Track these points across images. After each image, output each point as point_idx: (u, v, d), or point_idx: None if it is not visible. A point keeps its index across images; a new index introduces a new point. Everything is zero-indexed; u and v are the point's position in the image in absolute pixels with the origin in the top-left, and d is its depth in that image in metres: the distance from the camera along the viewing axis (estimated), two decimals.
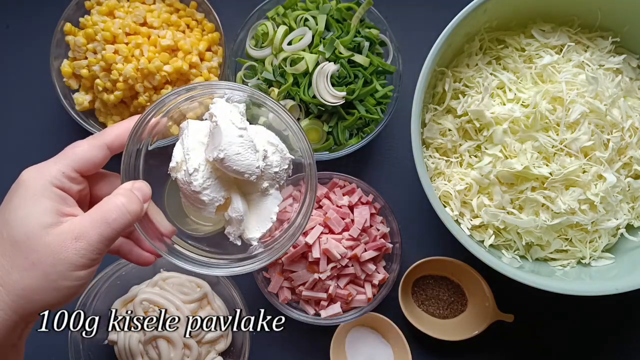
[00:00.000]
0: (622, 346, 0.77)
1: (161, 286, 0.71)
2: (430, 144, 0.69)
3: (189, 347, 0.67)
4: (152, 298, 0.69)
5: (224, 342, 0.71)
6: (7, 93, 0.81)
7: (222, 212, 0.54)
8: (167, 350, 0.67)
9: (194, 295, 0.70)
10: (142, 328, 0.67)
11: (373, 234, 0.70)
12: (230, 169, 0.50)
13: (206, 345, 0.69)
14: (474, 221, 0.66)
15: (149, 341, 0.68)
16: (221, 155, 0.49)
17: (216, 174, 0.52)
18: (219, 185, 0.52)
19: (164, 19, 0.72)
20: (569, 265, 0.67)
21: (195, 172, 0.51)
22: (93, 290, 0.67)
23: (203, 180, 0.51)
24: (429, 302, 0.76)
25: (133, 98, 0.71)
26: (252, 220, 0.56)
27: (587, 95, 0.63)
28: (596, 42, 0.69)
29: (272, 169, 0.53)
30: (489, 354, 0.77)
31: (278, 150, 0.54)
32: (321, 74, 0.67)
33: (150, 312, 0.68)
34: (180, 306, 0.68)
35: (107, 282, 0.70)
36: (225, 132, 0.49)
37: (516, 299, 0.73)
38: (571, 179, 0.63)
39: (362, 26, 0.71)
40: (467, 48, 0.70)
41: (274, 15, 0.72)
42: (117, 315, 0.70)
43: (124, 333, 0.68)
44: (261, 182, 0.54)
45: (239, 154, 0.50)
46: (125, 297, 0.72)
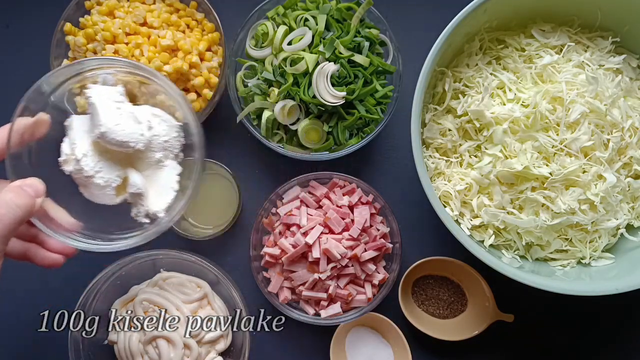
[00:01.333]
0: (622, 346, 0.77)
1: (161, 286, 0.71)
2: (430, 144, 0.69)
3: (189, 347, 0.67)
4: (152, 298, 0.69)
5: (224, 342, 0.71)
6: (7, 93, 0.80)
7: (123, 193, 0.57)
8: (167, 350, 0.66)
9: (194, 295, 0.70)
10: (142, 328, 0.67)
11: (373, 234, 0.70)
12: (114, 141, 0.53)
13: (206, 346, 0.69)
14: (474, 221, 0.66)
15: (149, 341, 0.67)
16: (102, 129, 0.52)
17: (106, 156, 0.55)
18: (111, 166, 0.55)
19: (164, 19, 0.72)
20: (569, 265, 0.67)
21: (84, 157, 0.53)
22: (93, 290, 0.67)
23: (94, 163, 0.54)
24: (429, 302, 0.76)
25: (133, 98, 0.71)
26: (153, 194, 0.58)
27: (587, 95, 0.63)
28: (596, 42, 0.69)
29: (160, 138, 0.56)
30: (489, 354, 0.77)
31: (163, 120, 0.57)
32: (321, 74, 0.67)
33: (150, 312, 0.68)
34: (180, 306, 0.68)
35: (107, 282, 0.70)
36: (100, 108, 0.53)
37: (516, 299, 0.73)
38: (571, 179, 0.63)
39: (362, 26, 0.71)
40: (467, 48, 0.70)
41: (274, 15, 0.72)
42: (117, 316, 0.70)
43: (124, 333, 0.68)
44: (154, 154, 0.56)
45: (119, 125, 0.53)
46: (125, 297, 0.71)
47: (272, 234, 0.73)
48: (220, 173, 0.76)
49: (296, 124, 0.70)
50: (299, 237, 0.68)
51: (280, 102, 0.68)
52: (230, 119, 0.76)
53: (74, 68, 0.55)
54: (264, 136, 0.71)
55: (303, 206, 0.71)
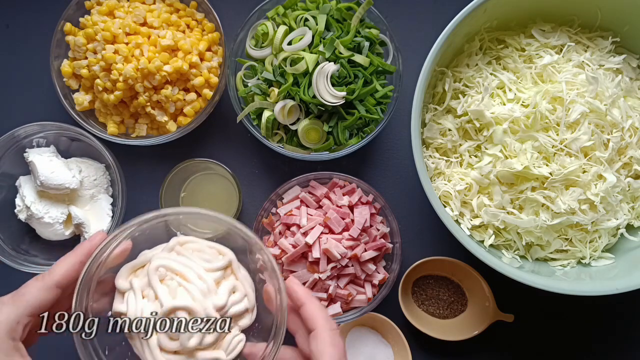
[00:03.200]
0: (621, 346, 0.77)
1: (178, 251, 0.60)
2: (430, 144, 0.69)
3: None
4: (170, 264, 0.57)
5: (249, 317, 0.60)
6: (7, 93, 0.81)
7: (70, 226, 0.74)
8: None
9: (217, 263, 0.59)
10: (157, 299, 0.56)
11: (373, 234, 0.70)
12: (52, 185, 0.70)
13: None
14: (474, 221, 0.66)
15: (167, 314, 0.56)
16: (41, 178, 0.70)
17: (50, 200, 0.73)
18: (56, 206, 0.73)
19: (164, 19, 0.72)
20: (569, 265, 0.67)
21: (32, 204, 0.72)
22: (96, 260, 0.56)
23: (42, 207, 0.72)
24: (429, 302, 0.76)
25: (133, 98, 0.71)
26: (93, 222, 0.75)
27: (587, 95, 0.63)
28: (596, 42, 0.69)
29: (90, 178, 0.75)
30: (489, 354, 0.77)
31: (90, 164, 0.76)
32: (321, 74, 0.67)
33: (167, 279, 0.57)
34: (202, 275, 0.58)
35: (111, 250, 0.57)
36: (38, 164, 0.71)
37: (516, 299, 0.73)
38: (571, 179, 0.63)
39: (362, 26, 0.71)
40: (467, 48, 0.70)
41: (274, 15, 0.72)
42: (125, 283, 0.58)
43: (135, 303, 0.56)
44: (87, 191, 0.75)
45: (54, 172, 0.71)
46: (134, 263, 0.58)
47: (272, 234, 0.73)
48: (220, 173, 0.76)
49: (296, 124, 0.70)
50: (299, 237, 0.68)
51: (280, 102, 0.68)
52: (230, 119, 0.76)
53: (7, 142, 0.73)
54: (264, 136, 0.71)
55: (303, 206, 0.71)
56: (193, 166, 0.75)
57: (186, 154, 0.78)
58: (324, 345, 0.50)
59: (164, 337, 0.55)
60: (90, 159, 0.77)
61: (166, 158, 0.77)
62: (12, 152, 0.74)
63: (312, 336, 0.51)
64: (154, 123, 0.74)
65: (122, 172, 0.74)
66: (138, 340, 0.56)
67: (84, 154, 0.77)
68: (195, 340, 0.54)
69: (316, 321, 0.51)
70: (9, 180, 0.75)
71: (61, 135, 0.75)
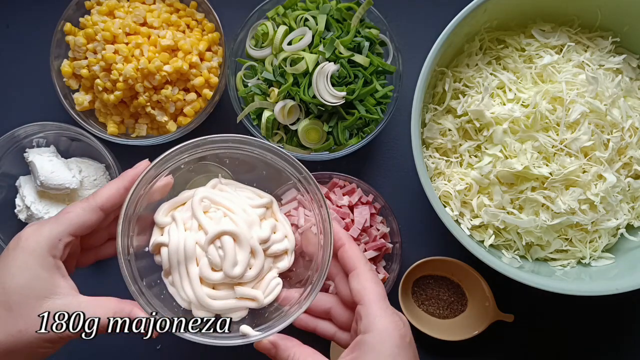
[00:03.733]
0: (621, 346, 0.77)
1: (221, 189, 0.58)
2: (430, 144, 0.69)
3: (255, 253, 0.54)
4: (214, 197, 0.55)
5: (288, 260, 0.57)
6: (7, 93, 0.81)
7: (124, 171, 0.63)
8: (233, 250, 0.52)
9: (260, 201, 0.58)
10: (202, 228, 0.53)
11: (373, 234, 0.70)
12: (52, 185, 0.70)
13: (269, 260, 0.56)
14: (474, 221, 0.66)
15: (211, 240, 0.53)
16: (41, 178, 0.70)
17: (50, 200, 0.73)
18: (56, 207, 0.73)
19: (164, 19, 0.72)
20: (569, 265, 0.67)
21: (32, 204, 0.72)
22: (140, 187, 0.53)
23: (42, 207, 0.72)
24: (429, 302, 0.76)
25: (133, 98, 0.71)
26: None
27: (587, 95, 0.63)
28: (596, 42, 0.69)
29: (90, 178, 0.75)
30: (489, 354, 0.77)
31: (90, 165, 0.76)
32: (321, 74, 0.67)
33: (211, 211, 0.55)
34: (246, 208, 0.55)
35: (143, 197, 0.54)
36: (38, 163, 0.71)
37: (516, 299, 0.73)
38: (571, 179, 0.63)
39: (362, 26, 0.71)
40: (467, 48, 0.70)
41: (274, 15, 0.72)
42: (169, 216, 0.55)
43: (177, 234, 0.53)
44: (87, 191, 0.75)
45: (54, 172, 0.71)
46: (175, 200, 0.56)
47: None
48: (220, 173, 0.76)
49: (296, 124, 0.70)
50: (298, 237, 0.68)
51: (280, 102, 0.68)
52: (230, 119, 0.76)
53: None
54: (264, 136, 0.71)
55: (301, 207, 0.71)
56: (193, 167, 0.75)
57: None
58: (366, 281, 0.49)
59: (205, 267, 0.53)
60: (90, 159, 0.77)
61: None
62: (12, 152, 0.74)
63: (352, 275, 0.50)
64: (154, 123, 0.74)
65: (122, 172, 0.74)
66: (177, 274, 0.53)
67: (84, 154, 0.77)
68: (240, 269, 0.53)
69: (357, 261, 0.51)
70: (9, 180, 0.75)
71: (61, 135, 0.76)
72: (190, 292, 0.52)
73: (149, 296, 0.51)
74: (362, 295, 0.49)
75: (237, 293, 0.53)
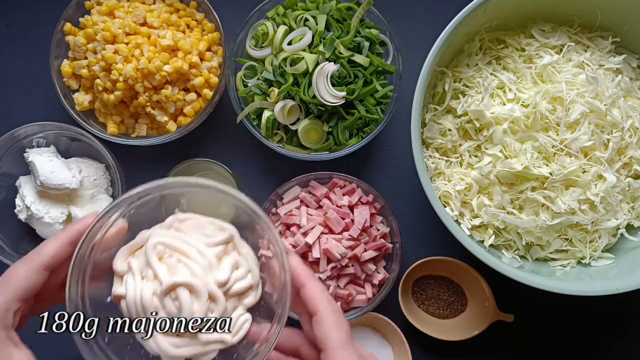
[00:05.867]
0: (621, 346, 0.77)
1: (177, 228, 0.57)
2: (430, 144, 0.69)
3: (215, 299, 0.53)
4: (167, 241, 0.54)
5: (254, 295, 0.56)
6: (7, 93, 0.81)
7: (70, 224, 0.70)
8: (189, 302, 0.52)
9: (218, 238, 0.56)
10: (157, 277, 0.52)
11: (373, 234, 0.70)
12: (52, 185, 0.70)
13: (233, 299, 0.55)
14: (474, 221, 0.66)
15: (166, 292, 0.52)
16: (41, 178, 0.70)
17: (50, 200, 0.73)
18: (56, 206, 0.73)
19: (164, 19, 0.72)
20: (569, 265, 0.67)
21: (32, 204, 0.72)
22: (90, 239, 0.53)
23: (42, 207, 0.72)
24: (429, 302, 0.76)
25: (133, 98, 0.71)
26: None
27: (587, 95, 0.63)
28: (596, 42, 0.69)
29: (90, 178, 0.75)
30: (489, 354, 0.77)
31: (90, 165, 0.76)
32: (321, 74, 0.67)
33: (166, 257, 0.54)
34: (203, 250, 0.54)
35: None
36: (38, 163, 0.71)
37: (516, 299, 0.73)
38: (571, 179, 0.63)
39: (362, 26, 0.71)
40: (467, 48, 0.70)
41: (274, 15, 0.72)
42: (124, 265, 0.54)
43: (134, 284, 0.53)
44: (87, 191, 0.75)
45: (54, 172, 0.71)
46: (132, 244, 0.56)
47: None
48: (220, 173, 0.76)
49: (296, 124, 0.70)
50: (299, 237, 0.68)
51: (280, 102, 0.68)
52: (230, 119, 0.76)
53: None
54: (264, 136, 0.71)
55: (303, 206, 0.71)
56: (193, 166, 0.75)
57: (186, 154, 0.78)
58: (328, 329, 0.47)
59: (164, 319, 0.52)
60: (90, 159, 0.77)
61: (166, 158, 0.77)
62: (12, 152, 0.74)
63: (314, 320, 0.48)
64: (154, 123, 0.74)
65: (122, 172, 0.74)
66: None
67: (84, 154, 0.77)
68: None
69: (318, 303, 0.48)
70: (9, 180, 0.75)
71: (61, 135, 0.76)
72: (153, 343, 0.51)
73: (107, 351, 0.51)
74: (324, 343, 0.46)
75: (202, 340, 0.52)
